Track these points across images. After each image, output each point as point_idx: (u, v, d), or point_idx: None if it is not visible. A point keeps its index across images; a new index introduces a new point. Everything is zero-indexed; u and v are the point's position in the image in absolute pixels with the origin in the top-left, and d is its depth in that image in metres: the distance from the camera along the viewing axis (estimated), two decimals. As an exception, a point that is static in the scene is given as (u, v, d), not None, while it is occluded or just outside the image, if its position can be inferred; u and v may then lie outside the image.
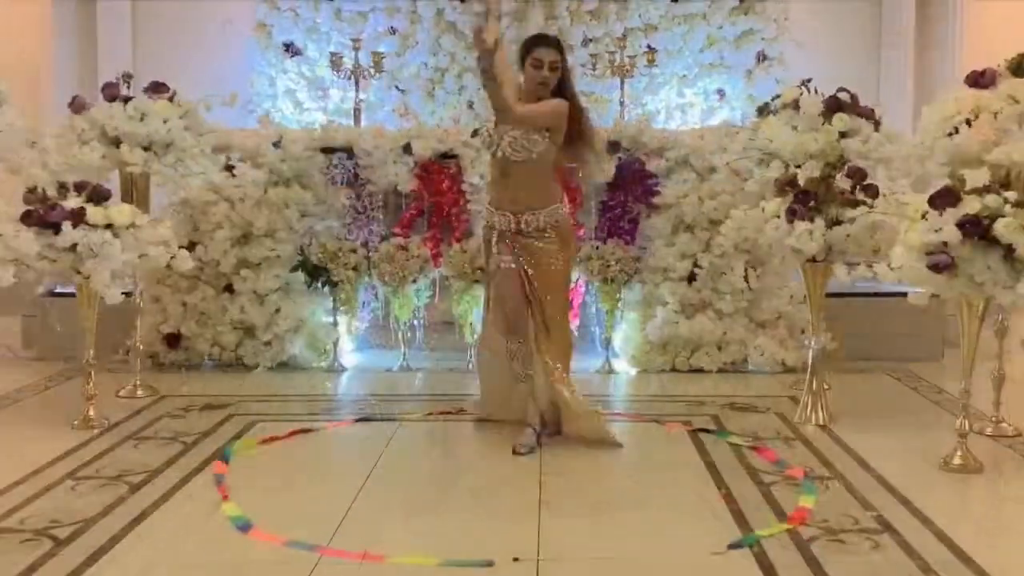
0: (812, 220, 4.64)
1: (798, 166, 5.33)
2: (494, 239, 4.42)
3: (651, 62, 7.74)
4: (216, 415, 5.07)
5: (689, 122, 8.53)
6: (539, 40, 4.38)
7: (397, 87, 8.52)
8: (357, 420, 4.95)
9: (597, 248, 6.06)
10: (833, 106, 5.28)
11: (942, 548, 3.34)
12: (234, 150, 6.12)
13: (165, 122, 5.28)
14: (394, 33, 8.46)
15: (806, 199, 4.69)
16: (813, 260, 4.79)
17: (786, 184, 4.77)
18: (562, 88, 4.34)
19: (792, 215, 4.68)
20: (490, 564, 3.16)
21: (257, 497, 3.85)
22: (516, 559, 3.20)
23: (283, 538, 3.38)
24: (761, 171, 5.39)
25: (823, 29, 8.68)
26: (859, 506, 3.75)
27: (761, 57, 8.53)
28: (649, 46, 8.26)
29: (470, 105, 8.43)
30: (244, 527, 3.50)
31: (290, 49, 8.56)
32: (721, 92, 8.56)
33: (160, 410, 5.19)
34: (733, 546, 3.34)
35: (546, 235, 4.37)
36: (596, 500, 3.89)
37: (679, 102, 8.58)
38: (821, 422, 4.88)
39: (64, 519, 3.57)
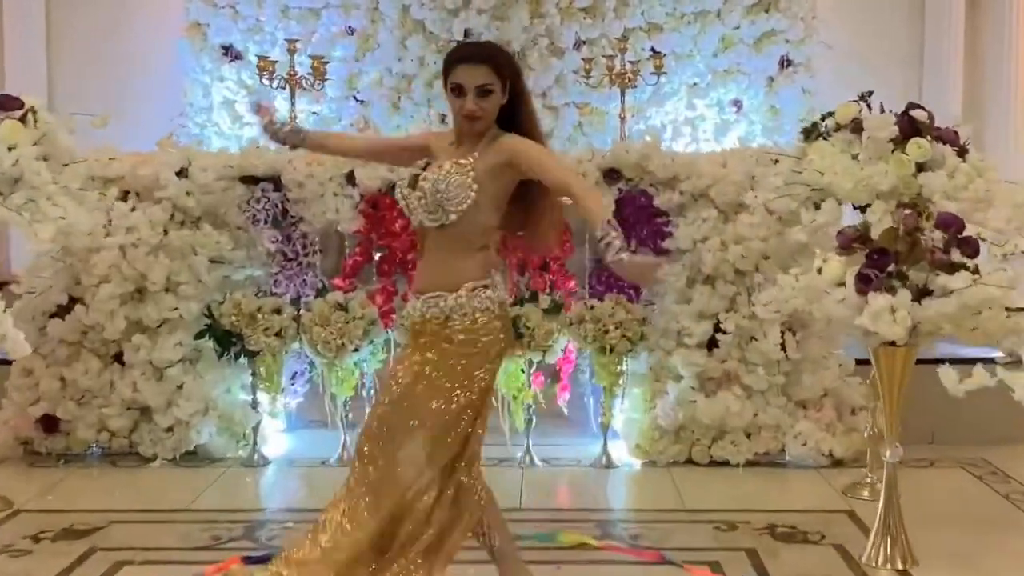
0: (893, 292, 3.30)
1: (860, 208, 4.01)
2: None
3: (659, 68, 6.39)
4: (74, 549, 3.72)
5: (700, 139, 7.29)
6: (459, 54, 2.91)
7: (355, 97, 7.23)
8: (254, 561, 3.58)
9: (592, 308, 4.71)
10: (908, 128, 3.94)
11: None
12: (124, 182, 4.77)
13: (11, 150, 3.92)
14: (352, 33, 7.19)
15: (883, 261, 3.35)
16: (891, 343, 3.45)
17: (855, 238, 3.42)
18: (514, 119, 2.90)
19: (865, 284, 3.34)
20: None
21: None
22: None
23: None
24: (809, 214, 4.04)
25: (856, 30, 7.48)
26: None
27: (785, 62, 7.31)
28: (653, 49, 7.01)
29: (442, 119, 7.15)
30: None
31: (229, 52, 7.28)
32: (738, 103, 7.36)
33: (2, 537, 3.84)
34: None
35: (453, 329, 2.86)
36: None
37: (688, 115, 7.35)
38: (899, 566, 3.54)
39: None
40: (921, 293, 3.35)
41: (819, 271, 3.56)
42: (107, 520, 4.01)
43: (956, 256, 3.41)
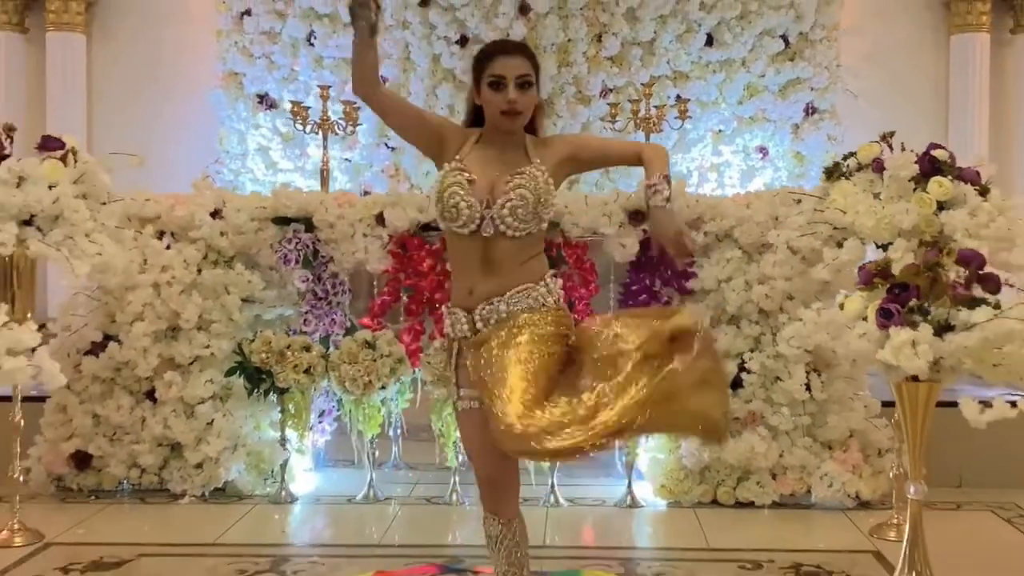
0: (915, 326, 3.32)
1: (883, 246, 4.04)
2: (453, 358, 2.96)
3: (683, 115, 6.49)
4: (102, 580, 3.78)
5: (726, 184, 7.39)
6: (497, 47, 2.90)
7: (387, 144, 7.40)
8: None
9: (616, 347, 4.74)
10: (928, 168, 3.99)
11: None
12: (160, 222, 4.90)
13: (51, 188, 4.06)
14: (384, 82, 7.32)
15: (905, 296, 3.37)
16: (914, 379, 3.46)
17: (877, 274, 3.45)
18: (534, 123, 2.91)
19: (886, 318, 3.36)
20: None
21: None
22: None
23: None
24: (832, 252, 4.08)
25: (882, 78, 7.59)
26: None
27: (810, 110, 7.47)
28: (679, 96, 7.13)
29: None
30: None
31: (263, 101, 7.49)
32: (763, 150, 7.51)
33: (33, 568, 3.90)
34: None
35: (515, 328, 2.79)
36: None
37: (714, 161, 7.46)
38: (925, 604, 3.52)
39: None
40: (943, 328, 3.36)
41: (841, 307, 3.59)
42: (136, 554, 4.06)
43: (977, 292, 3.43)
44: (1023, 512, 4.65)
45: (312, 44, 7.37)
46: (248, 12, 7.40)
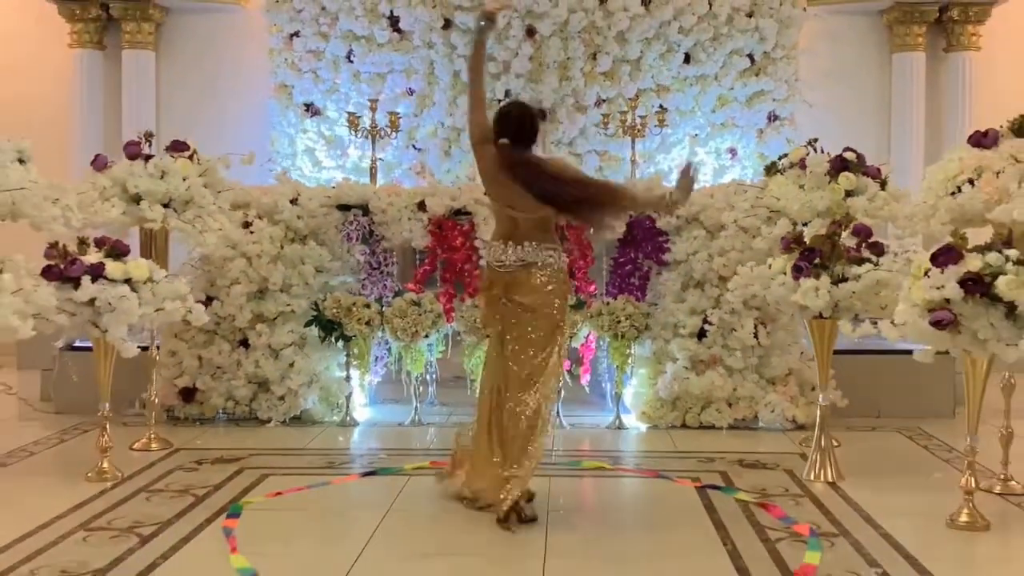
0: (818, 277, 4.69)
1: (805, 224, 5.41)
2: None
3: (661, 123, 7.85)
4: (228, 468, 5.12)
5: (701, 181, 8.57)
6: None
7: (414, 146, 8.67)
8: (365, 474, 5.00)
9: (607, 304, 6.12)
10: (839, 165, 5.36)
11: (946, 605, 3.34)
12: (252, 207, 6.25)
13: (184, 180, 5.41)
14: (411, 94, 8.63)
15: (811, 256, 4.75)
16: (820, 317, 4.83)
17: (792, 241, 4.83)
18: None
19: (798, 272, 4.73)
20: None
21: (265, 549, 3.89)
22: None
23: (289, 590, 3.42)
24: (769, 229, 5.45)
25: (834, 90, 8.79)
26: (864, 563, 3.75)
27: (772, 117, 8.65)
28: (661, 106, 8.38)
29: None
30: (251, 578, 3.55)
31: (310, 109, 8.74)
32: (733, 151, 8.68)
33: (173, 463, 5.24)
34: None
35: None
36: (601, 552, 3.90)
37: (691, 161, 8.64)
38: (830, 479, 4.88)
39: (75, 569, 3.62)
40: (840, 280, 4.74)
41: (769, 266, 4.96)
42: (247, 454, 5.41)
43: (866, 254, 4.80)
44: (922, 432, 6.01)
45: (351, 61, 8.56)
46: (297, 33, 8.64)
